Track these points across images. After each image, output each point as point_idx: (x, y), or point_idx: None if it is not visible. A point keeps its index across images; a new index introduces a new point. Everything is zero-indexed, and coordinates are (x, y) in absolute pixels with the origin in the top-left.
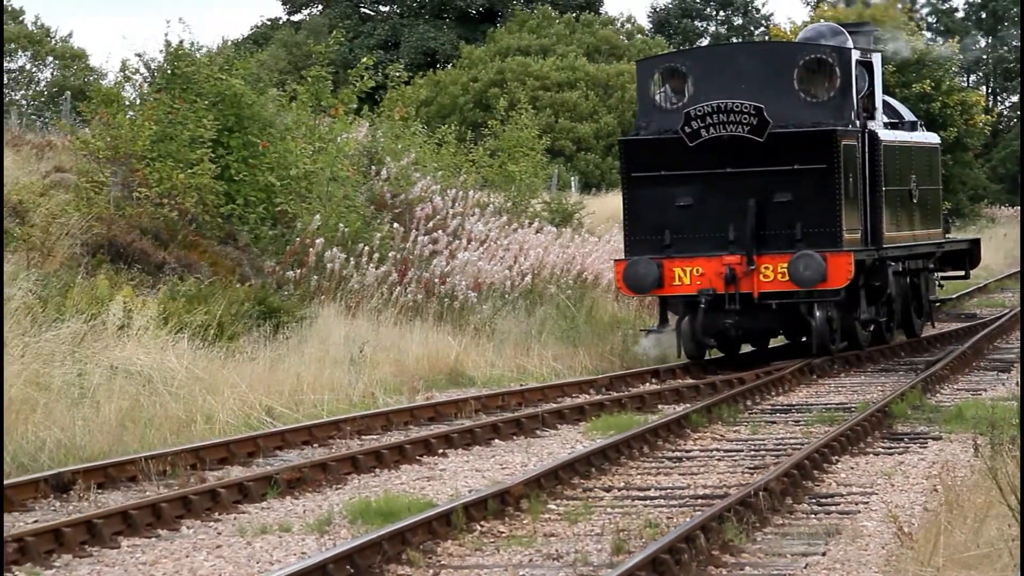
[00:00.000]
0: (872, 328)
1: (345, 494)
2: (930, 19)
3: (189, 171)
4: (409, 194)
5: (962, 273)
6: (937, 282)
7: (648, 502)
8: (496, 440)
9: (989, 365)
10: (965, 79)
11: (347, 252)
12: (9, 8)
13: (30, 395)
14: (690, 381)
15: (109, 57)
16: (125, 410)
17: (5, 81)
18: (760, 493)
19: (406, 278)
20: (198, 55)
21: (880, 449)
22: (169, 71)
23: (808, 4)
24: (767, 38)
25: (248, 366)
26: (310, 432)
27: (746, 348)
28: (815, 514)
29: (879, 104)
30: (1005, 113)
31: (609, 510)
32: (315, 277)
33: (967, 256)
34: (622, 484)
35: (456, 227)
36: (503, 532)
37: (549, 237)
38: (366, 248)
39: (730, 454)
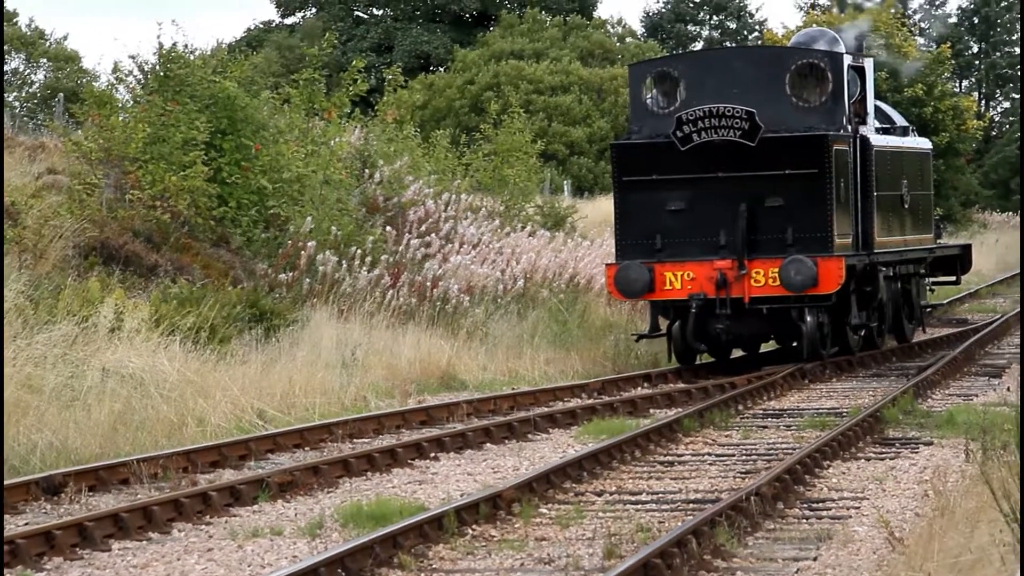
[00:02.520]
0: (863, 333)
1: (337, 497)
2: (923, 24)
3: (182, 173)
4: (402, 197)
5: (953, 278)
6: (928, 287)
7: (640, 506)
8: (488, 444)
9: (980, 370)
10: (957, 84)
11: (339, 255)
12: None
13: (22, 398)
14: (682, 385)
15: (101, 59)
16: (117, 413)
17: None
18: (752, 498)
19: (399, 282)
20: (191, 57)
21: (871, 454)
22: (162, 73)
23: (801, 9)
24: (760, 43)
25: (240, 369)
26: (302, 435)
27: (737, 353)
28: (806, 519)
29: (871, 109)
30: (997, 119)
31: (601, 514)
32: (307, 280)
33: (958, 261)
34: (614, 488)
35: (449, 231)
36: (495, 536)
37: (542, 241)
38: (358, 251)
39: (722, 459)
